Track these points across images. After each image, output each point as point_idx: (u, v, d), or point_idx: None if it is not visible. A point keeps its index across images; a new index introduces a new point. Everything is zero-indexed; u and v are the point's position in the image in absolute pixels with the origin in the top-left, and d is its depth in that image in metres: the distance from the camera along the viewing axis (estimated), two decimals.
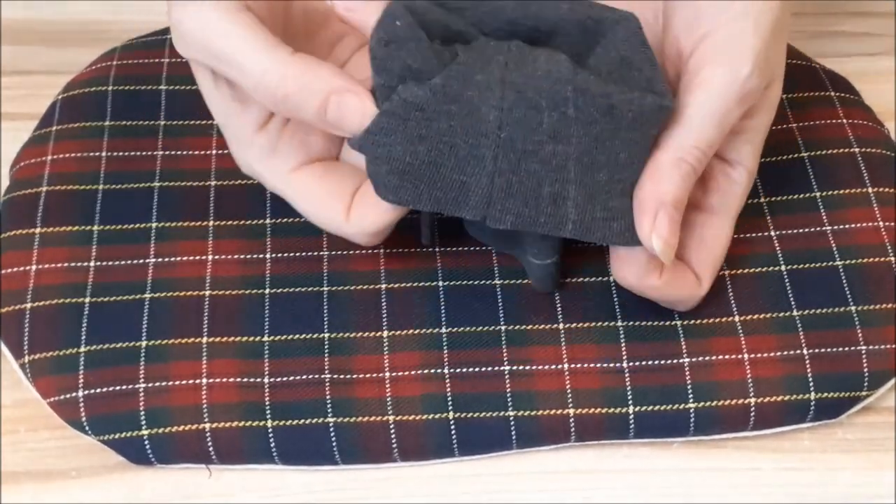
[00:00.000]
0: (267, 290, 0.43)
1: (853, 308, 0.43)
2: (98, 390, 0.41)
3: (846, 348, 0.42)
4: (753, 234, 0.45)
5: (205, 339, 0.42)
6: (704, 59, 0.38)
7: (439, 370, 0.42)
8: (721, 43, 0.38)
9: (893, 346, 0.42)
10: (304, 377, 0.41)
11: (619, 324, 0.43)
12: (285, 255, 0.44)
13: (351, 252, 0.44)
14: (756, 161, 0.42)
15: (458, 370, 0.42)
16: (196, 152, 0.47)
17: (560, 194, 0.37)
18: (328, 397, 0.41)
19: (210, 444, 0.41)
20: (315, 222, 0.40)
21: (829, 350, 0.42)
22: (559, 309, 0.43)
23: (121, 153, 0.47)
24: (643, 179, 0.38)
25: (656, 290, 0.40)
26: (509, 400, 0.41)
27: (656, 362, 0.42)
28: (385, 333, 0.42)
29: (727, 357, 0.42)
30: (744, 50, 0.38)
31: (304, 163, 0.40)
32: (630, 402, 0.41)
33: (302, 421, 0.41)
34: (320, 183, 0.40)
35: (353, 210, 0.39)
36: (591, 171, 0.37)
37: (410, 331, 0.42)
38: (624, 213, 0.38)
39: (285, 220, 0.45)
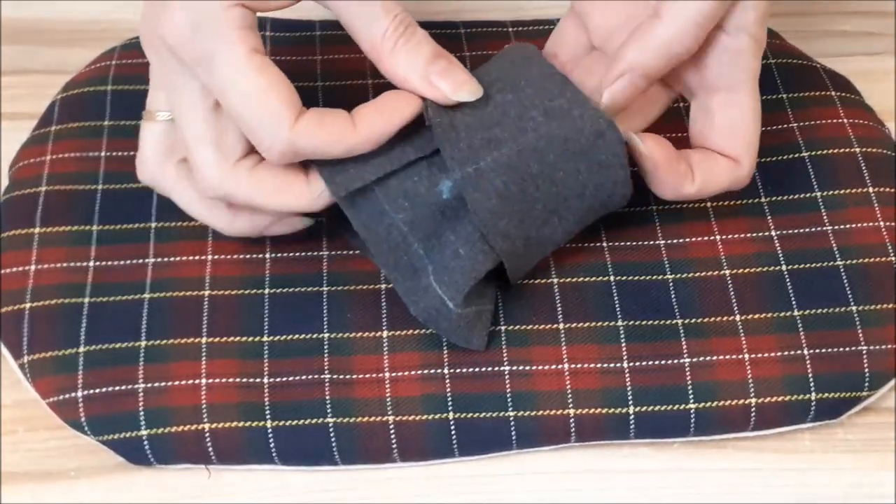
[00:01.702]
0: (266, 291, 0.43)
1: (854, 308, 0.43)
2: (97, 390, 0.41)
3: (847, 348, 0.42)
4: (754, 234, 0.45)
5: (204, 340, 0.42)
6: None
7: (439, 370, 0.42)
8: None
9: (894, 346, 0.42)
10: (304, 377, 0.41)
11: (620, 324, 0.43)
12: (285, 255, 0.44)
13: (351, 252, 0.44)
14: (761, 28, 0.40)
15: (457, 370, 0.42)
16: None
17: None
18: (328, 397, 0.41)
19: (209, 444, 0.41)
20: (279, 206, 0.40)
21: (829, 350, 0.42)
22: (559, 309, 0.43)
23: (120, 153, 0.47)
24: (629, 40, 0.39)
25: (697, 195, 0.41)
26: (509, 400, 0.41)
27: (657, 362, 0.42)
28: (385, 333, 0.42)
29: (728, 357, 0.42)
30: None
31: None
32: (630, 402, 0.41)
33: (301, 421, 0.41)
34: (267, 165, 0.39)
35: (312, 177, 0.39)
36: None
37: (410, 331, 0.42)
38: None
39: None
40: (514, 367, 0.42)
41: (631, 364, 0.42)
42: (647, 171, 0.40)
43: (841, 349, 0.42)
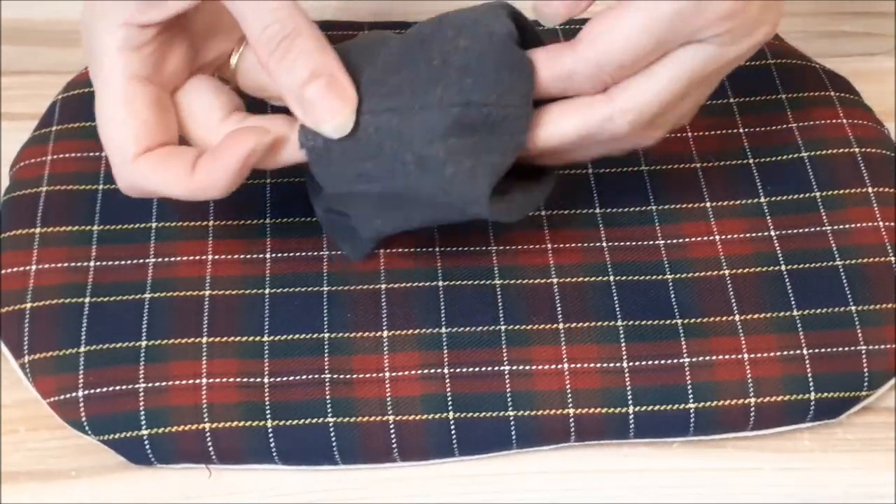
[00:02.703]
0: (267, 290, 0.43)
1: (853, 308, 0.43)
2: (98, 390, 0.41)
3: (846, 348, 0.42)
4: (753, 234, 0.45)
5: (204, 339, 0.42)
6: None
7: (439, 370, 0.42)
8: None
9: (893, 346, 0.42)
10: (304, 377, 0.41)
11: (619, 323, 0.43)
12: (285, 254, 0.44)
13: None
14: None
15: (457, 370, 0.42)
16: None
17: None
18: (328, 397, 0.41)
19: (210, 444, 0.41)
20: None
21: (829, 350, 0.42)
22: (559, 309, 0.43)
23: None
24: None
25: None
26: (509, 400, 0.41)
27: (656, 362, 0.42)
28: (385, 333, 0.42)
29: (727, 357, 0.42)
30: None
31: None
32: (630, 402, 0.41)
33: (302, 421, 0.41)
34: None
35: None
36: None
37: (410, 331, 0.42)
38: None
39: (285, 219, 0.45)
40: (514, 367, 0.42)
41: (631, 364, 0.42)
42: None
43: (840, 349, 0.42)
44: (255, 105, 0.41)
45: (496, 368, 0.42)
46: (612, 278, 0.44)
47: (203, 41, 0.39)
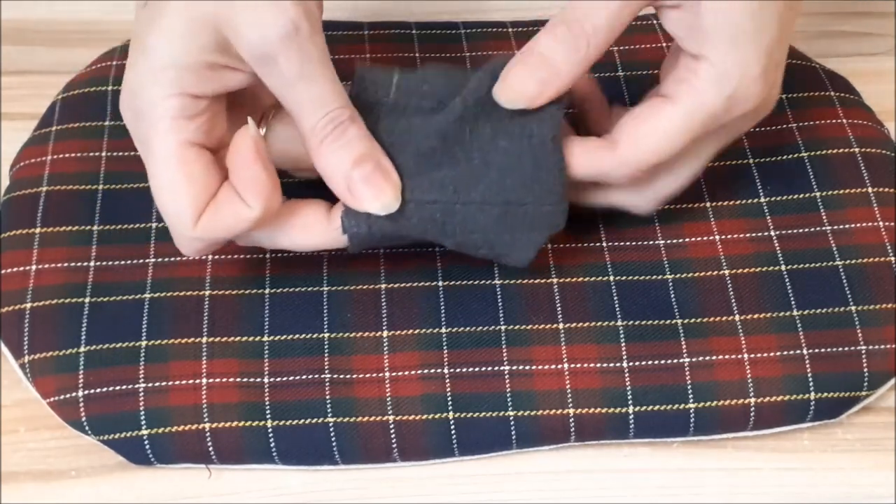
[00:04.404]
0: (267, 290, 0.43)
1: (853, 308, 0.43)
2: (98, 390, 0.41)
3: (846, 348, 0.42)
4: (753, 234, 0.45)
5: (204, 339, 0.42)
6: None
7: (439, 370, 0.42)
8: None
9: (893, 346, 0.42)
10: (304, 377, 0.41)
11: (619, 323, 0.43)
12: (285, 254, 0.44)
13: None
14: (723, 56, 0.38)
15: (457, 370, 0.42)
16: None
17: None
18: (328, 397, 0.41)
19: (210, 444, 0.41)
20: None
21: (829, 350, 0.42)
22: (559, 309, 0.43)
23: (120, 153, 0.47)
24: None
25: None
26: (509, 400, 0.41)
27: (656, 362, 0.42)
28: (385, 333, 0.42)
29: (727, 357, 0.42)
30: None
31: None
32: (630, 402, 0.41)
33: (302, 421, 0.41)
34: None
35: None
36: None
37: (410, 331, 0.42)
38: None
39: None
40: (514, 367, 0.42)
41: (630, 364, 0.42)
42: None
43: (840, 349, 0.42)
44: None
45: (496, 368, 0.42)
46: (612, 278, 0.44)
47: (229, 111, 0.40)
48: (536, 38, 0.38)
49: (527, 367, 0.42)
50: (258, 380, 0.41)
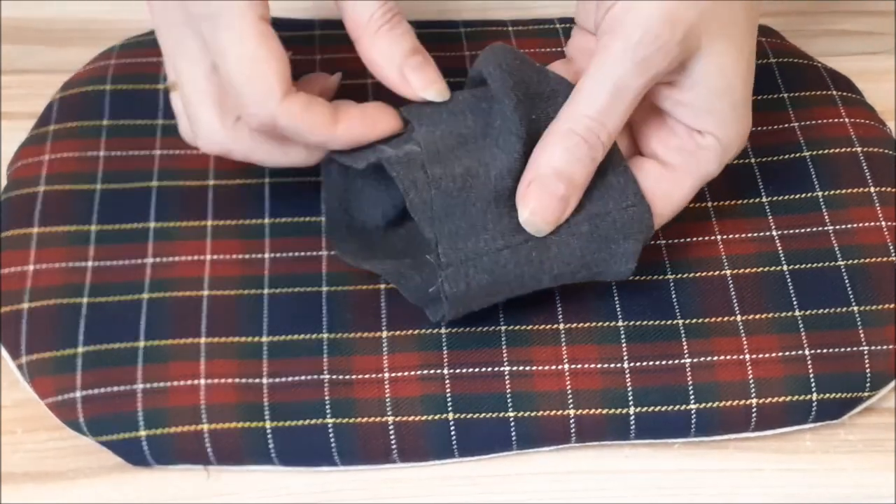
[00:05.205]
0: (265, 291, 0.43)
1: (855, 308, 0.43)
2: (96, 391, 0.41)
3: (848, 349, 0.42)
4: (755, 234, 0.45)
5: (203, 340, 0.42)
6: (603, 31, 0.38)
7: (439, 371, 0.41)
8: (618, 13, 0.38)
9: (895, 346, 0.42)
10: (303, 378, 0.41)
11: (620, 324, 0.43)
12: (284, 254, 0.44)
13: None
14: (727, 129, 0.40)
15: (457, 371, 0.42)
16: (194, 151, 0.47)
17: None
18: (327, 398, 0.41)
19: (208, 444, 0.40)
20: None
21: (831, 350, 0.42)
22: (559, 309, 0.43)
23: (119, 152, 0.47)
24: (535, 148, 0.39)
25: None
26: (509, 401, 0.41)
27: (657, 363, 0.42)
28: (384, 334, 0.42)
29: (729, 357, 0.42)
30: (637, 17, 0.37)
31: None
32: (631, 402, 0.41)
33: (301, 422, 0.41)
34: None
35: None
36: None
37: (410, 331, 0.42)
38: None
39: (284, 219, 0.45)
40: (514, 368, 0.42)
41: (631, 364, 0.42)
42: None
43: (842, 349, 0.42)
44: None
45: (496, 369, 0.42)
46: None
47: None
48: (549, 150, 0.38)
49: (527, 368, 0.42)
50: (257, 380, 0.41)
